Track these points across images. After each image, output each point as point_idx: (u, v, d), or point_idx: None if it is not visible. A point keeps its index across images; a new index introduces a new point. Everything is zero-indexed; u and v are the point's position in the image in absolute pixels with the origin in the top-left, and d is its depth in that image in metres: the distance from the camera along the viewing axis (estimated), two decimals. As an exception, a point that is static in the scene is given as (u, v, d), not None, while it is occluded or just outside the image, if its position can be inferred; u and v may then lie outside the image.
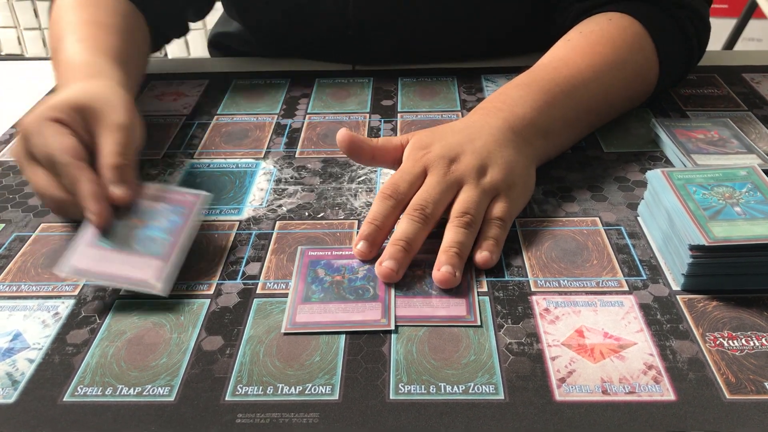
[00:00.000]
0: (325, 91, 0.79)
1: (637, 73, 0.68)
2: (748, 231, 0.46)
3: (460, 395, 0.40)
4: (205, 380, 0.42)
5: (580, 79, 0.62)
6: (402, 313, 0.46)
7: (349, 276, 0.49)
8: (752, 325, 0.45)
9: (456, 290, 0.48)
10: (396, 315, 0.46)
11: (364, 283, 0.49)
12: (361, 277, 0.49)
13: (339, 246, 0.53)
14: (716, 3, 2.10)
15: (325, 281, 0.49)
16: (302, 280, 0.49)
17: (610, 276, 0.49)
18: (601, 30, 0.67)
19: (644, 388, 0.41)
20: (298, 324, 0.46)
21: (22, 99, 0.78)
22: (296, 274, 0.50)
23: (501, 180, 0.53)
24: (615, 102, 0.67)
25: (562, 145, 0.63)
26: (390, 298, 0.47)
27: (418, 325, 0.45)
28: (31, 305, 0.48)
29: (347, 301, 0.47)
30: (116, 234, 0.49)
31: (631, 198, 0.58)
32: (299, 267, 0.51)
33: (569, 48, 0.66)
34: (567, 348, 0.43)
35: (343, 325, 0.45)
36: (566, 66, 0.63)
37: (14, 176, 0.64)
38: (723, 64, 0.82)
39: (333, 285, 0.49)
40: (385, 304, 0.47)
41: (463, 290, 0.48)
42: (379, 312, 0.46)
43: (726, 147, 0.61)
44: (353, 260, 0.51)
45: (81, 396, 0.41)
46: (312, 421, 0.39)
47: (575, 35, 0.68)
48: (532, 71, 0.64)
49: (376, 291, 0.48)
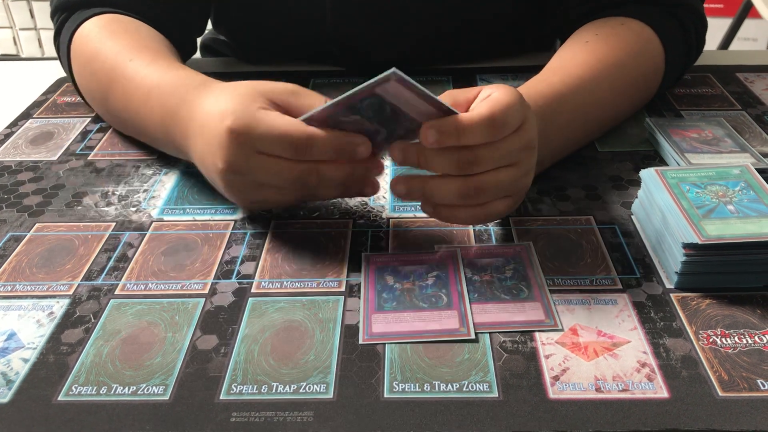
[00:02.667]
0: (319, 90, 0.78)
1: (646, 78, 0.68)
2: (741, 229, 0.47)
3: (455, 393, 0.41)
4: (200, 379, 0.42)
5: (589, 83, 0.61)
6: (479, 320, 0.45)
7: (419, 283, 0.49)
8: (745, 323, 0.45)
9: (528, 293, 0.47)
10: (474, 322, 0.45)
11: (435, 291, 0.48)
12: (431, 284, 0.48)
13: (403, 252, 0.52)
14: (712, 2, 2.11)
15: (395, 289, 0.48)
16: (372, 288, 0.48)
17: (603, 274, 0.49)
18: (616, 35, 0.66)
19: (638, 385, 0.41)
20: (376, 335, 0.45)
21: (17, 99, 0.78)
22: (364, 282, 0.49)
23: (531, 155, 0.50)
24: (620, 109, 0.67)
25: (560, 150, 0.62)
26: (465, 305, 0.46)
27: (499, 331, 0.45)
28: (26, 305, 0.48)
29: (421, 310, 0.46)
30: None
31: (625, 197, 0.58)
32: (366, 274, 0.50)
33: (585, 51, 0.65)
34: (561, 346, 0.44)
35: (421, 335, 0.44)
36: (583, 68, 0.62)
37: (9, 176, 0.63)
38: (717, 63, 0.82)
39: (404, 293, 0.48)
40: (461, 312, 0.46)
41: (536, 294, 0.48)
42: (456, 321, 0.45)
43: (719, 146, 0.61)
44: (420, 266, 0.50)
45: (76, 395, 0.41)
46: (306, 419, 0.39)
47: (591, 36, 0.67)
48: (550, 71, 0.63)
49: (450, 299, 0.47)
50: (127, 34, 0.65)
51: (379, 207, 0.58)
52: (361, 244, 0.53)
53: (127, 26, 0.67)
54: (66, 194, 0.61)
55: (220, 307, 0.48)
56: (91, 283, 0.50)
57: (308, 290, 0.49)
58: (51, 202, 0.60)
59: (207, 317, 0.47)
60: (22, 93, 0.80)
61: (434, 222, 0.55)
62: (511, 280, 0.49)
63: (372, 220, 0.56)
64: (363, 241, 0.53)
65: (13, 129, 0.72)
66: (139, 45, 0.63)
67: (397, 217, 0.56)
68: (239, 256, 0.52)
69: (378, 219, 0.56)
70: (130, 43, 0.64)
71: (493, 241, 0.53)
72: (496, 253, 0.51)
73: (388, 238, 0.54)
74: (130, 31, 0.66)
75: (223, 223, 0.56)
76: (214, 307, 0.48)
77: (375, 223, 0.56)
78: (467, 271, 0.50)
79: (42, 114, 0.75)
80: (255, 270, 0.51)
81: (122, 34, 0.65)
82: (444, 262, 0.50)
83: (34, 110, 0.76)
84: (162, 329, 0.46)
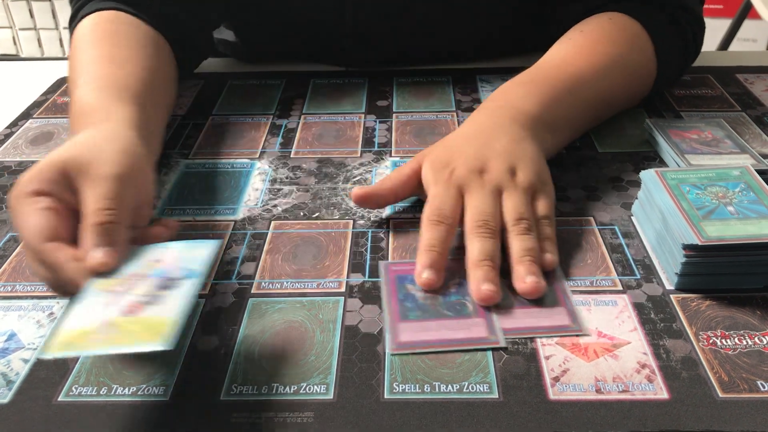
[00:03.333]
0: (320, 91, 0.79)
1: (637, 72, 0.68)
2: (741, 230, 0.47)
3: (455, 394, 0.41)
4: (200, 380, 0.42)
5: (582, 77, 0.62)
6: (506, 326, 0.45)
7: (441, 290, 0.48)
8: (745, 324, 0.45)
9: (552, 298, 0.47)
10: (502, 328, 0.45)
11: (459, 298, 0.47)
12: (454, 291, 0.48)
13: None
14: (711, 3, 2.11)
15: (417, 297, 0.48)
16: (394, 297, 0.48)
17: (604, 275, 0.49)
18: (602, 29, 0.67)
19: (638, 386, 0.41)
20: (405, 344, 0.44)
21: (17, 99, 0.78)
22: (386, 291, 0.48)
23: (534, 176, 0.53)
24: (613, 101, 0.67)
25: (563, 142, 0.63)
26: (491, 312, 0.46)
27: (527, 337, 0.44)
28: (26, 305, 0.48)
29: (447, 318, 0.46)
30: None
31: (625, 198, 0.58)
32: (387, 283, 0.49)
33: (570, 46, 0.66)
34: (561, 347, 0.44)
35: (450, 344, 0.44)
36: (568, 64, 0.63)
37: (9, 177, 0.63)
38: (717, 64, 0.82)
39: (427, 301, 0.47)
40: (487, 319, 0.45)
41: (559, 298, 0.47)
42: (484, 329, 0.45)
43: (719, 147, 0.61)
44: None
45: (76, 396, 0.41)
46: (307, 420, 0.39)
47: (576, 34, 0.68)
48: (534, 69, 0.64)
49: (475, 306, 0.46)
50: (106, 42, 0.64)
51: (379, 208, 0.58)
52: (361, 245, 0.53)
53: (119, 28, 0.66)
54: (66, 194, 0.60)
55: (220, 308, 0.48)
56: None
57: (308, 291, 0.49)
58: (51, 202, 0.59)
59: (207, 318, 0.47)
60: (22, 93, 0.80)
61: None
62: None
63: (372, 220, 0.56)
64: (363, 242, 0.53)
65: (13, 129, 0.72)
66: (105, 55, 0.62)
67: (397, 218, 0.56)
68: (239, 256, 0.52)
69: (378, 219, 0.56)
70: (99, 53, 0.62)
71: (493, 241, 0.53)
72: None
73: (389, 239, 0.54)
74: (119, 35, 0.65)
75: (224, 223, 0.56)
76: (215, 308, 0.48)
77: (375, 224, 0.56)
78: None
79: (42, 114, 0.75)
80: (255, 270, 0.51)
81: (106, 40, 0.64)
82: (464, 268, 0.49)
83: (34, 110, 0.76)
84: (162, 330, 0.46)
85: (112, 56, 0.62)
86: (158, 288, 0.41)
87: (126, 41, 0.65)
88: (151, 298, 0.40)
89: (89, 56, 0.62)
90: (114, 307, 0.39)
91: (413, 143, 0.67)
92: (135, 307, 0.39)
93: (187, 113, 0.74)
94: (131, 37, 0.66)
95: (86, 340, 0.37)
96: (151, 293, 0.40)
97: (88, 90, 0.58)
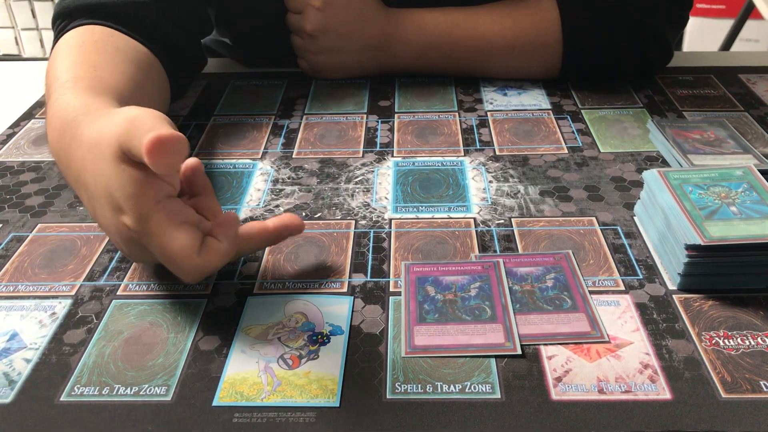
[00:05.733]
0: (322, 91, 0.79)
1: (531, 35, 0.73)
2: (743, 231, 0.46)
3: (457, 394, 0.41)
4: (202, 380, 0.42)
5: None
6: (523, 331, 0.45)
7: (461, 294, 0.48)
8: (748, 325, 0.45)
9: (571, 304, 0.46)
10: (519, 334, 0.45)
11: (478, 303, 0.47)
12: (474, 295, 0.47)
13: (444, 261, 0.51)
14: (714, 3, 2.11)
15: (437, 300, 0.47)
16: (413, 298, 0.48)
17: (606, 275, 0.49)
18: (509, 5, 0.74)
19: (640, 387, 0.41)
20: (419, 347, 0.44)
21: (20, 99, 0.78)
22: (405, 292, 0.48)
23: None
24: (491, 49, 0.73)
25: None
26: (509, 318, 0.45)
27: (545, 344, 0.44)
28: (28, 305, 0.48)
29: (464, 322, 0.45)
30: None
31: (627, 198, 0.58)
32: (407, 284, 0.49)
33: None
34: (563, 347, 0.43)
35: (466, 349, 0.43)
36: None
37: (11, 176, 0.64)
38: (719, 65, 0.82)
39: (446, 304, 0.47)
40: (505, 325, 0.45)
41: (579, 304, 0.47)
42: (501, 335, 0.44)
43: (722, 147, 0.61)
44: (462, 276, 0.49)
45: (78, 396, 0.41)
46: (309, 420, 0.39)
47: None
48: None
49: (494, 311, 0.46)
50: (79, 53, 0.59)
51: (381, 207, 0.58)
52: (363, 245, 0.53)
53: (97, 44, 0.61)
54: (68, 195, 0.61)
55: (222, 308, 0.47)
56: (93, 284, 0.50)
57: (310, 291, 0.49)
58: (53, 202, 0.60)
59: (209, 318, 0.47)
60: (24, 93, 0.80)
61: (437, 223, 0.55)
62: (553, 290, 0.48)
63: (374, 220, 0.56)
64: (365, 242, 0.53)
65: (16, 129, 0.72)
66: (80, 66, 0.57)
67: (399, 218, 0.56)
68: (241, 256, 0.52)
69: (380, 219, 0.56)
70: (75, 62, 0.58)
71: (495, 241, 0.53)
72: (535, 262, 0.50)
73: (391, 239, 0.54)
74: (96, 50, 0.60)
75: (225, 223, 0.56)
76: (216, 308, 0.48)
77: (377, 224, 0.56)
78: (508, 280, 0.49)
79: (44, 114, 0.75)
80: (257, 271, 0.51)
81: (76, 53, 0.59)
82: (486, 272, 0.49)
83: (36, 111, 0.76)
84: (164, 330, 0.46)
85: (93, 62, 0.58)
86: (311, 342, 0.44)
87: (113, 50, 0.61)
88: (308, 353, 0.43)
89: (62, 67, 0.57)
90: (272, 356, 0.43)
91: (415, 143, 0.67)
92: (293, 360, 0.43)
93: (189, 114, 0.74)
94: (110, 49, 0.61)
95: (254, 392, 0.41)
96: (305, 347, 0.44)
97: (69, 91, 0.53)
